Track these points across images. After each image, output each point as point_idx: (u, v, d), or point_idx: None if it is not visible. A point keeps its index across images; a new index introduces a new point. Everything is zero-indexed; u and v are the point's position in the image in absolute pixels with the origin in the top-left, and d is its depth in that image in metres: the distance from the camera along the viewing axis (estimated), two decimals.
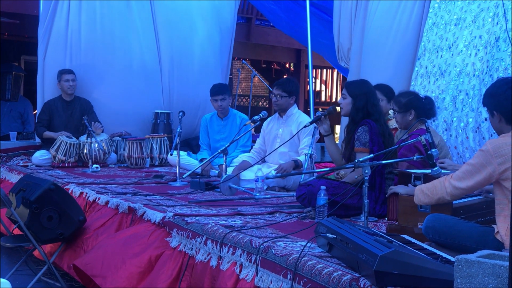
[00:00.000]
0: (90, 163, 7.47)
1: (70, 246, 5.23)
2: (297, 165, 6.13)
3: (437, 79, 6.75)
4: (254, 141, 7.13)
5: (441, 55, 6.77)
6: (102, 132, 8.08)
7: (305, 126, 5.82)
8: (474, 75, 6.33)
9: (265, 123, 6.71)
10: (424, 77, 6.94)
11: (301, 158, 6.18)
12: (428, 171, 3.98)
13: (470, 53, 6.43)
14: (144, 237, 4.52)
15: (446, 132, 6.51)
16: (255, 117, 6.31)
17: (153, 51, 9.23)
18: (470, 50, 6.44)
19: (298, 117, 6.44)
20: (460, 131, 6.35)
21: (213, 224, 4.21)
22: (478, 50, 6.36)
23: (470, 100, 6.31)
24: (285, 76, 15.70)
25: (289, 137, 6.17)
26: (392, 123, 5.94)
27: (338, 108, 5.43)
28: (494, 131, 3.53)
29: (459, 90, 6.45)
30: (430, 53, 6.94)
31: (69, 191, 5.80)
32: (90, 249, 4.85)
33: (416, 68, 7.10)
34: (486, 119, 5.95)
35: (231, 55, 10.27)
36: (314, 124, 5.41)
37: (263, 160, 6.64)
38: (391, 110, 6.09)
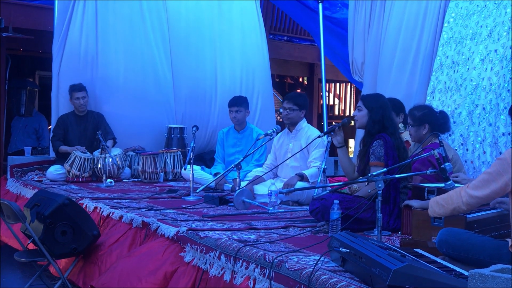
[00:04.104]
0: (104, 178, 7.49)
1: (85, 262, 5.24)
2: (301, 178, 6.13)
3: (453, 94, 6.73)
4: None
5: (457, 70, 6.76)
6: (114, 146, 8.12)
7: (318, 137, 5.83)
8: (490, 90, 6.31)
9: (275, 139, 6.72)
10: (442, 92, 6.91)
11: (309, 171, 6.18)
12: (442, 185, 3.97)
13: (486, 68, 6.42)
14: (159, 254, 4.52)
15: (462, 147, 6.48)
16: (269, 131, 6.34)
17: (167, 65, 9.27)
18: (486, 64, 6.43)
19: (307, 131, 6.47)
20: (478, 146, 6.33)
21: (227, 238, 4.21)
22: (494, 64, 6.34)
23: (487, 115, 6.28)
24: (298, 90, 15.71)
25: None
26: (404, 136, 5.93)
27: (352, 122, 5.43)
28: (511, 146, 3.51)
29: (476, 105, 6.43)
30: (448, 68, 6.92)
31: (83, 206, 5.83)
32: (107, 269, 4.85)
33: (432, 83, 7.07)
34: (503, 134, 5.94)
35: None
36: (328, 137, 5.42)
37: (274, 174, 6.65)
38: (400, 124, 6.09)
